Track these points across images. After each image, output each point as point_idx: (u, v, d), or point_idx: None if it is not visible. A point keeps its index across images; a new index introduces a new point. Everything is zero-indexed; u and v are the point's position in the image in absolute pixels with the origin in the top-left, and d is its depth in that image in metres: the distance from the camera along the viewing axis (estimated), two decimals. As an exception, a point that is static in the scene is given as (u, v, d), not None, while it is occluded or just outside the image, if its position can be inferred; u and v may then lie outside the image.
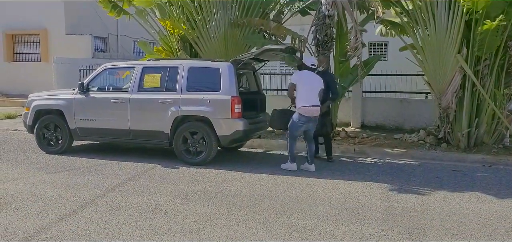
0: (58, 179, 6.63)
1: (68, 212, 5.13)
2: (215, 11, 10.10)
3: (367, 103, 11.95)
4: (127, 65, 8.91)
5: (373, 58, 11.24)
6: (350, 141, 9.64)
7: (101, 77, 8.56)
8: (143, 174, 7.04)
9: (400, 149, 9.02)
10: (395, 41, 11.57)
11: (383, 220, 5.04)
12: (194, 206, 5.42)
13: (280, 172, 7.19)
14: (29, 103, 8.77)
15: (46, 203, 5.44)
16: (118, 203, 5.49)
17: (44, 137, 8.58)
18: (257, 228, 4.73)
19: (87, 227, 4.67)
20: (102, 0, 11.01)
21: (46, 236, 4.40)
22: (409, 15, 9.42)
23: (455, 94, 8.83)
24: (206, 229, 4.68)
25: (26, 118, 8.75)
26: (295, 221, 4.94)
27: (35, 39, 19.10)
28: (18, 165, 7.57)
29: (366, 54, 14.68)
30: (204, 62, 8.17)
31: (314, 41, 9.86)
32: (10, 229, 4.57)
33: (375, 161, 8.45)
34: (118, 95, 8.16)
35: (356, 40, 9.25)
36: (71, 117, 8.32)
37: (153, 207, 5.35)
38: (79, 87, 8.29)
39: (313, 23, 9.92)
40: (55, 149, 8.50)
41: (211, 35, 10.26)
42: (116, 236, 4.43)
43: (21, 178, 6.70)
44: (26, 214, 5.06)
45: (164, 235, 4.50)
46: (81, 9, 18.41)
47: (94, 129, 8.29)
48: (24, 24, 18.64)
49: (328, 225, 4.83)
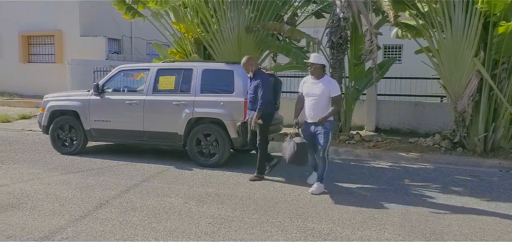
0: (73, 180, 6.67)
1: (83, 213, 5.15)
2: (229, 13, 10.10)
3: (382, 106, 11.85)
4: (141, 67, 8.95)
5: (388, 61, 11.18)
6: (365, 144, 9.56)
7: (116, 78, 8.59)
8: (157, 175, 7.04)
9: (415, 153, 8.91)
10: (410, 44, 11.48)
11: (399, 224, 4.98)
12: (208, 208, 5.40)
13: (294, 175, 7.14)
14: (44, 104, 8.83)
15: (61, 204, 5.47)
16: (133, 204, 5.50)
17: (58, 138, 8.63)
18: (272, 231, 4.69)
19: (102, 228, 4.68)
20: (117, 2, 11.07)
21: (61, 237, 4.42)
22: (424, 18, 9.33)
23: (472, 98, 8.72)
24: (220, 231, 4.66)
25: (41, 119, 8.81)
26: (310, 225, 4.90)
27: (50, 40, 19.29)
28: (33, 165, 7.63)
29: (381, 57, 14.59)
30: (218, 65, 8.17)
31: (329, 44, 9.82)
32: (27, 229, 4.59)
33: (390, 165, 8.36)
34: (133, 97, 8.19)
35: (371, 43, 9.20)
36: (86, 118, 8.37)
37: (168, 209, 5.35)
38: (94, 88, 8.34)
39: (327, 26, 9.88)
40: (69, 149, 8.55)
41: (224, 37, 10.27)
42: (131, 237, 4.43)
43: (36, 178, 6.74)
44: (42, 214, 5.09)
45: (179, 237, 4.49)
46: (96, 10, 18.55)
47: (108, 130, 8.33)
48: (39, 25, 18.84)
49: (344, 230, 4.78)
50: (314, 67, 6.21)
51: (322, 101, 6.15)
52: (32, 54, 19.83)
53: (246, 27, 10.10)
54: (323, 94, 6.14)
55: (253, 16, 10.31)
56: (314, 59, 6.24)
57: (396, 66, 12.15)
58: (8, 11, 18.96)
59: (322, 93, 6.14)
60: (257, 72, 6.94)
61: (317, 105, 6.16)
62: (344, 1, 9.30)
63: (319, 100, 6.16)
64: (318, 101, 6.16)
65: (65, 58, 17.97)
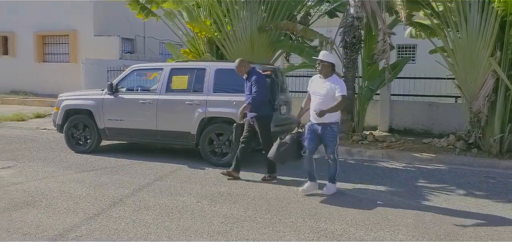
0: (86, 178, 6.73)
1: (97, 211, 5.19)
2: (242, 13, 10.11)
3: (395, 106, 11.76)
4: (155, 67, 9.00)
5: (402, 61, 11.08)
6: (378, 145, 9.49)
7: (130, 78, 8.65)
8: (170, 174, 7.07)
9: (429, 154, 8.82)
10: (425, 43, 11.38)
11: (413, 226, 4.93)
12: (221, 208, 5.41)
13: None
14: (59, 103, 8.92)
15: (76, 202, 5.52)
16: (146, 203, 5.52)
17: (73, 136, 8.71)
18: (284, 231, 4.68)
19: (116, 226, 4.71)
20: (131, 2, 11.14)
21: (76, 235, 4.46)
22: (439, 17, 9.24)
23: (487, 98, 8.61)
24: (233, 231, 4.66)
25: (55, 117, 8.90)
26: (323, 225, 4.88)
27: (65, 40, 19.49)
28: (47, 163, 7.71)
29: (394, 57, 14.48)
30: (231, 64, 8.15)
31: (342, 44, 9.77)
32: (41, 227, 4.64)
33: (403, 165, 8.28)
34: (146, 96, 8.24)
35: (383, 43, 9.13)
36: (100, 117, 8.44)
37: (181, 208, 5.36)
38: (108, 88, 8.40)
39: (340, 25, 9.84)
40: (83, 148, 8.62)
41: (237, 37, 10.28)
42: (144, 236, 4.45)
43: (51, 176, 6.81)
44: (56, 212, 5.13)
45: (192, 236, 4.50)
46: (109, 10, 18.67)
47: (122, 129, 8.39)
48: (54, 25, 19.03)
49: (357, 231, 4.74)
50: (322, 64, 6.01)
51: (327, 101, 5.88)
52: (47, 54, 20.04)
53: (258, 26, 10.09)
54: (328, 94, 5.89)
55: (265, 15, 10.31)
56: (322, 56, 6.05)
57: (410, 66, 12.06)
58: (24, 11, 19.19)
59: (327, 93, 5.91)
60: (251, 73, 6.87)
61: (322, 105, 5.89)
62: (358, 1, 9.25)
63: (325, 100, 5.90)
64: (324, 101, 5.90)
65: (79, 58, 18.13)
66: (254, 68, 6.97)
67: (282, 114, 8.25)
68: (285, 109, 8.45)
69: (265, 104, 6.80)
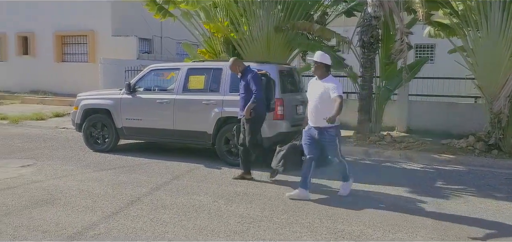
0: (105, 177, 6.79)
1: (115, 210, 5.23)
2: (258, 12, 10.09)
3: (413, 107, 11.61)
4: (172, 67, 9.06)
5: (420, 60, 10.97)
6: (396, 145, 9.39)
7: (147, 78, 8.72)
8: (186, 173, 7.10)
9: (448, 155, 8.70)
10: (443, 43, 11.24)
11: (432, 228, 4.86)
12: (237, 207, 5.41)
13: (323, 175, 7.05)
14: (78, 102, 9.03)
15: (94, 200, 5.57)
16: (163, 202, 5.55)
17: (91, 135, 8.81)
18: (301, 232, 4.66)
19: (134, 225, 4.74)
20: (148, 2, 11.22)
21: (94, 233, 4.50)
22: (459, 16, 9.11)
23: (508, 99, 8.47)
24: (249, 231, 4.66)
25: (74, 116, 9.02)
26: (340, 226, 4.84)
27: (83, 40, 19.72)
28: (66, 162, 7.81)
29: (412, 57, 14.31)
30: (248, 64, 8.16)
31: (359, 43, 9.70)
32: (60, 225, 4.70)
33: (422, 166, 8.19)
34: (164, 96, 8.29)
35: (401, 42, 9.03)
36: (118, 116, 8.52)
37: (197, 207, 5.38)
38: (126, 87, 8.48)
39: (358, 25, 9.77)
40: (101, 147, 8.72)
41: (253, 36, 10.27)
42: (161, 235, 4.47)
43: (70, 174, 6.90)
44: (75, 210, 5.19)
45: (208, 235, 4.51)
46: (127, 11, 18.85)
47: (140, 128, 8.45)
48: (73, 26, 19.27)
49: (375, 232, 4.70)
50: (316, 65, 5.77)
51: (322, 103, 5.62)
52: (66, 54, 20.31)
53: (275, 26, 10.07)
54: (323, 96, 5.62)
55: (282, 15, 10.28)
56: (317, 57, 5.78)
57: (428, 66, 11.93)
58: (43, 11, 19.46)
59: (322, 95, 5.63)
60: (246, 72, 6.81)
61: (317, 107, 5.69)
62: (376, 0, 9.16)
63: (319, 102, 5.66)
64: (318, 103, 5.67)
65: (97, 58, 18.35)
66: (248, 67, 6.89)
67: (298, 114, 8.22)
68: (302, 109, 8.41)
69: (260, 102, 6.69)
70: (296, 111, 8.18)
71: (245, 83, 6.71)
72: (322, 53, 5.87)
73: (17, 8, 19.90)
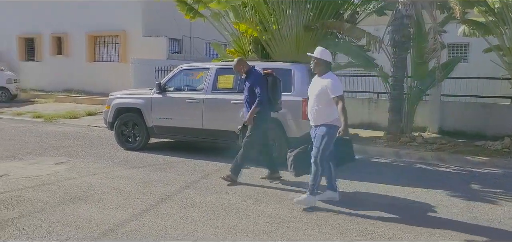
0: (136, 175, 6.89)
1: (146, 207, 5.30)
2: (288, 11, 10.05)
3: (446, 107, 11.34)
4: (201, 67, 9.10)
5: (453, 60, 10.72)
6: (427, 147, 9.19)
7: (177, 78, 8.80)
8: (215, 172, 7.13)
9: (482, 157, 8.46)
10: (478, 42, 10.95)
11: (465, 232, 4.74)
12: (266, 207, 5.40)
13: (353, 176, 6.99)
14: (110, 101, 9.19)
15: (125, 198, 5.66)
16: (193, 200, 5.60)
17: (122, 134, 8.96)
18: (331, 233, 4.61)
19: (164, 222, 4.79)
20: (179, 3, 11.33)
21: (125, 230, 4.57)
22: (495, 14, 8.85)
23: (547, 100, 8.17)
24: (278, 231, 4.64)
25: (106, 115, 9.18)
26: (371, 228, 4.77)
27: (115, 40, 20.10)
28: (98, 159, 7.96)
29: (445, 56, 13.99)
30: (276, 64, 8.15)
31: (390, 42, 9.54)
32: (93, 221, 4.79)
33: (454, 168, 7.99)
34: (193, 96, 8.35)
35: (434, 41, 8.84)
36: (149, 115, 8.63)
37: (226, 206, 5.40)
38: (157, 87, 8.58)
39: (389, 24, 9.61)
40: (132, 145, 8.85)
41: (283, 36, 10.23)
42: (191, 233, 4.51)
43: (102, 172, 7.03)
44: (107, 207, 5.29)
45: (237, 235, 4.51)
46: (157, 11, 19.09)
47: (170, 127, 8.54)
48: (105, 26, 19.68)
49: (406, 235, 4.61)
50: (315, 62, 5.58)
51: (321, 102, 5.43)
52: (98, 54, 20.75)
53: (305, 25, 10.00)
54: (321, 94, 5.42)
55: (312, 14, 10.20)
56: (316, 53, 5.57)
57: (462, 66, 11.64)
58: (76, 13, 19.94)
59: (320, 93, 5.43)
60: (250, 72, 6.69)
61: (315, 105, 5.51)
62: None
63: (317, 100, 5.47)
64: (316, 101, 5.49)
65: (128, 58, 18.67)
66: (253, 68, 6.79)
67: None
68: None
69: (264, 103, 6.56)
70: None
71: (249, 85, 6.61)
72: (322, 49, 5.64)
73: (51, 9, 20.46)
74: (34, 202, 5.40)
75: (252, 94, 6.54)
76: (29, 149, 8.78)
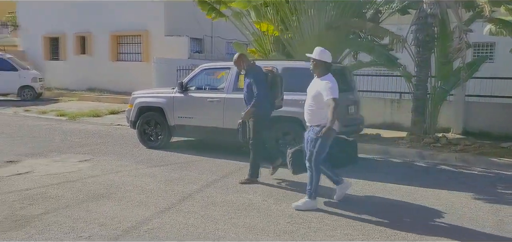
0: (157, 173, 6.95)
1: (168, 205, 5.34)
2: (310, 11, 9.99)
3: (471, 108, 11.13)
4: (223, 66, 9.11)
5: (478, 59, 10.50)
6: (451, 148, 9.03)
7: (199, 77, 8.84)
8: (236, 171, 7.14)
9: (509, 159, 8.26)
10: (504, 41, 10.70)
11: (491, 235, 4.63)
12: (287, 207, 5.38)
13: (374, 177, 6.92)
14: (133, 100, 9.29)
15: (147, 195, 5.72)
16: (214, 199, 5.61)
17: (145, 132, 9.04)
18: (353, 234, 4.57)
19: (185, 220, 4.82)
20: (200, 3, 11.39)
21: (148, 227, 4.61)
22: (523, 13, 8.63)
23: None
24: (299, 231, 4.62)
25: (129, 114, 9.28)
26: (393, 230, 4.70)
27: (137, 40, 20.34)
28: (121, 157, 8.06)
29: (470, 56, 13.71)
30: (298, 63, 8.12)
31: (414, 42, 9.40)
32: (116, 218, 4.85)
33: (479, 171, 7.83)
34: (214, 95, 8.38)
35: (459, 41, 8.67)
36: (170, 114, 8.70)
37: (247, 205, 5.40)
38: (179, 86, 8.64)
39: (413, 23, 9.47)
40: (154, 144, 8.92)
41: (304, 35, 10.18)
42: (212, 232, 4.52)
43: (125, 170, 7.11)
44: (130, 204, 5.34)
45: (258, 234, 4.51)
46: (179, 11, 19.26)
47: (191, 126, 8.59)
48: (128, 26, 19.92)
49: (432, 238, 4.52)
50: (314, 63, 5.46)
51: (316, 104, 5.35)
52: (120, 53, 21.03)
53: (327, 24, 9.93)
54: (317, 96, 5.34)
55: (334, 13, 10.12)
56: (314, 53, 5.46)
57: (487, 66, 11.40)
58: (100, 12, 20.26)
59: (316, 94, 5.35)
60: (250, 69, 6.61)
61: (311, 106, 5.43)
62: (432, -3, 8.86)
63: (314, 102, 5.40)
64: (312, 102, 5.42)
65: (151, 57, 18.85)
66: (253, 64, 6.73)
67: (350, 114, 8.08)
68: (353, 109, 8.27)
69: (264, 102, 6.49)
70: (348, 111, 8.03)
71: (248, 81, 6.56)
72: (321, 50, 5.50)
73: (75, 10, 20.82)
74: (58, 199, 5.50)
75: (250, 91, 6.50)
76: (53, 146, 8.94)
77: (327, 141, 5.34)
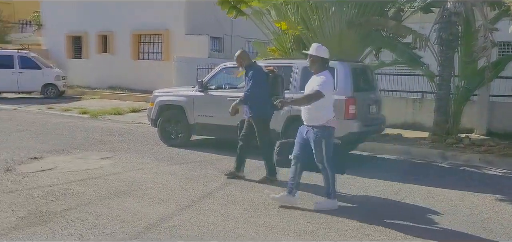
0: (178, 171, 6.99)
1: (188, 203, 5.36)
2: (331, 9, 9.91)
3: (495, 108, 10.89)
4: (242, 65, 9.10)
5: (504, 59, 10.27)
6: (475, 148, 8.85)
7: (219, 76, 8.86)
8: (256, 170, 7.12)
9: (535, 161, 8.08)
10: (531, 40, 10.41)
11: (518, 238, 4.53)
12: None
13: (397, 179, 6.82)
14: (154, 98, 9.37)
15: (168, 193, 5.75)
16: (233, 198, 5.62)
17: (165, 131, 9.11)
18: (374, 235, 4.51)
19: (206, 218, 4.83)
20: (221, 2, 11.41)
21: (169, 225, 4.63)
22: (550, 11, 8.41)
23: None
24: (320, 231, 4.58)
25: (150, 112, 9.36)
26: (415, 233, 4.63)
27: (158, 39, 20.52)
28: (142, 155, 8.13)
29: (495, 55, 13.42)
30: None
31: (437, 40, 9.25)
32: (137, 215, 4.89)
33: (504, 172, 7.66)
34: (234, 94, 8.36)
35: (484, 40, 8.49)
36: (191, 113, 8.74)
37: (267, 204, 5.38)
38: (199, 85, 8.67)
39: (436, 21, 9.32)
40: (175, 142, 8.98)
41: (325, 34, 10.10)
42: (232, 230, 4.52)
43: (146, 167, 7.17)
44: (151, 202, 5.39)
45: (278, 234, 4.49)
46: (200, 10, 19.35)
47: (211, 125, 8.62)
48: (149, 25, 20.11)
49: (455, 239, 4.44)
50: (311, 59, 5.36)
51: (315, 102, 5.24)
52: (142, 52, 21.25)
53: (348, 22, 9.84)
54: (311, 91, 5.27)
55: (355, 11, 10.02)
56: (311, 49, 5.37)
57: (513, 65, 11.12)
58: (121, 12, 20.51)
59: (312, 90, 5.27)
60: (250, 67, 6.54)
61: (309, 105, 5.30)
62: (457, -5, 8.70)
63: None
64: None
65: (171, 56, 19.01)
66: (253, 63, 6.66)
67: (371, 114, 7.99)
68: (375, 108, 8.18)
69: (264, 104, 6.38)
70: (369, 110, 7.95)
71: (246, 79, 6.54)
72: (318, 46, 5.40)
73: (97, 9, 21.11)
74: (81, 195, 5.57)
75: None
76: (75, 143, 9.07)
77: (331, 138, 5.29)
